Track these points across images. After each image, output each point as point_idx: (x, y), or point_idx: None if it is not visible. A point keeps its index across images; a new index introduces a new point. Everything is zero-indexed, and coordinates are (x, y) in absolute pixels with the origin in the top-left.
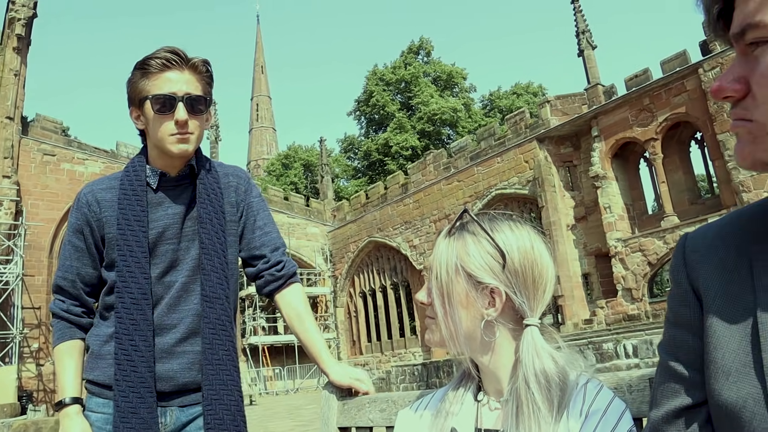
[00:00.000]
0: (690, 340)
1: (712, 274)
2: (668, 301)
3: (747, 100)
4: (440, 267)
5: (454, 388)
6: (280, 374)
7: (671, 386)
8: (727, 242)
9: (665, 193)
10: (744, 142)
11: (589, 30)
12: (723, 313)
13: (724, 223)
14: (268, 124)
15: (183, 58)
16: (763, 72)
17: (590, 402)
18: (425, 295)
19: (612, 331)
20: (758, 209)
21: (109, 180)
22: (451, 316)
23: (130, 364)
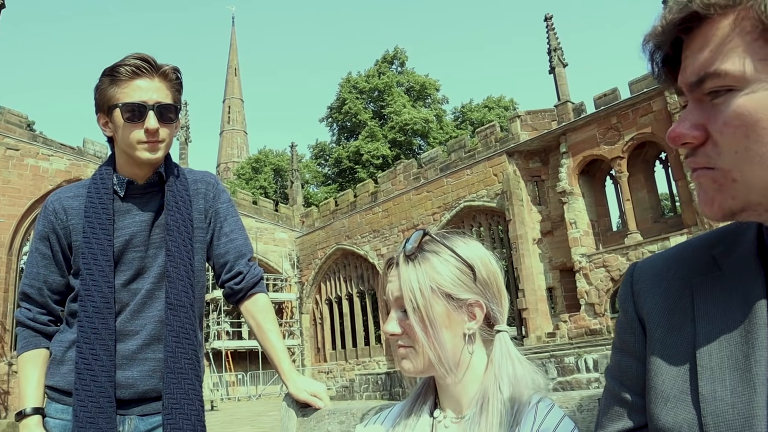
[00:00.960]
0: (634, 366)
1: (655, 304)
2: (616, 327)
3: (707, 147)
4: (414, 293)
5: (410, 404)
6: (242, 380)
7: (615, 410)
8: (673, 273)
9: (629, 210)
10: (709, 192)
11: (560, 48)
12: (664, 342)
13: (671, 254)
14: (239, 127)
15: (153, 65)
16: (726, 120)
17: (541, 421)
18: (395, 325)
19: (574, 345)
20: (704, 240)
21: (77, 188)
22: (436, 339)
23: (90, 373)
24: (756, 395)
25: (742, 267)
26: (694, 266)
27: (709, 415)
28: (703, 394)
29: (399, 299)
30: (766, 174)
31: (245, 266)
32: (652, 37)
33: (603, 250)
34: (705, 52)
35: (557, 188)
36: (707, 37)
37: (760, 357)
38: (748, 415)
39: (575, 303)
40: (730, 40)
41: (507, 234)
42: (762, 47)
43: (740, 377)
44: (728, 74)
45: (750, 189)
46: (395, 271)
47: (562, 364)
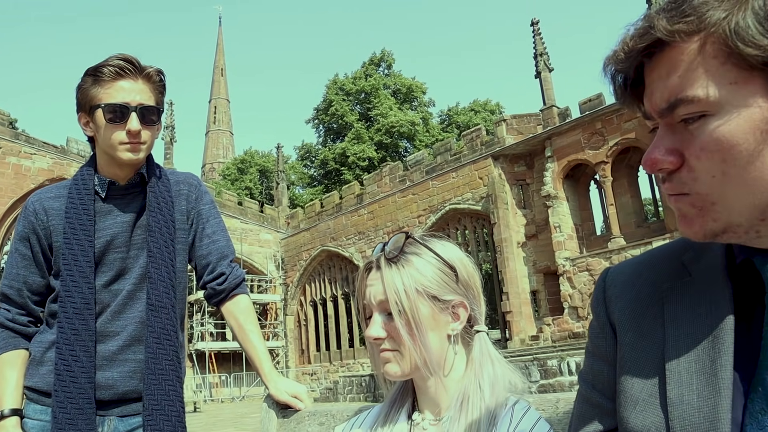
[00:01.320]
0: (606, 370)
1: (626, 309)
2: (589, 332)
3: (681, 172)
4: (399, 295)
5: (388, 406)
6: (226, 381)
7: (587, 413)
8: (644, 278)
9: (613, 215)
10: (690, 217)
11: (546, 52)
12: (634, 346)
13: (643, 259)
14: (225, 128)
15: (137, 66)
16: (703, 146)
17: (517, 422)
18: (379, 329)
19: (557, 348)
20: (673, 247)
21: (58, 188)
22: (422, 341)
23: (69, 374)
24: (721, 399)
25: (710, 274)
26: (664, 272)
27: (676, 418)
28: (671, 398)
29: (383, 302)
30: (745, 196)
31: (227, 267)
32: (614, 62)
33: (587, 253)
34: (673, 78)
35: (542, 192)
36: (673, 62)
37: (725, 362)
38: (713, 418)
39: (559, 306)
40: (698, 65)
41: (492, 237)
42: (730, 70)
43: (707, 381)
44: (700, 100)
45: (730, 211)
46: (376, 274)
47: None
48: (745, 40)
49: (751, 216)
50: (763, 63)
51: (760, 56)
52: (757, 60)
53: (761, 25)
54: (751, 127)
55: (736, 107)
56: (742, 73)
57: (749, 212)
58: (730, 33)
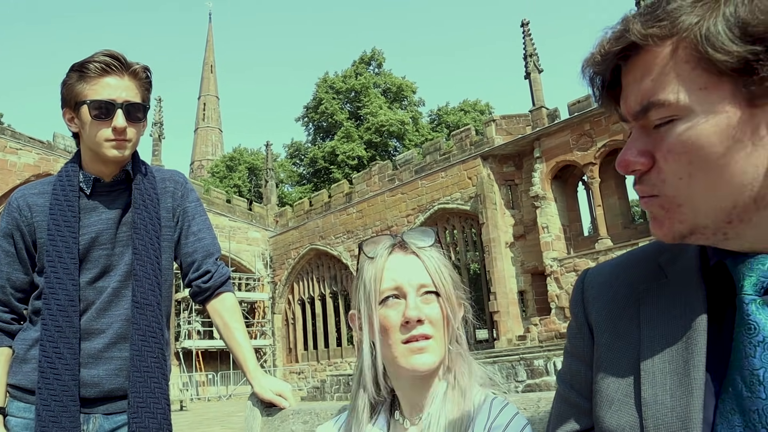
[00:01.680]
0: (583, 370)
1: (603, 310)
2: (567, 332)
3: (651, 174)
4: (444, 280)
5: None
6: (213, 380)
7: (565, 412)
8: (621, 280)
9: (600, 216)
10: (659, 219)
11: (536, 53)
12: (610, 347)
13: (621, 261)
14: (214, 125)
15: (123, 63)
16: (670, 148)
17: (494, 418)
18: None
19: (544, 348)
20: (651, 249)
21: (42, 185)
22: (455, 332)
23: (53, 372)
24: (693, 399)
25: (685, 276)
26: (641, 274)
27: (650, 418)
28: (645, 398)
29: (423, 285)
30: (710, 199)
31: (213, 265)
32: (591, 64)
33: (574, 254)
34: (646, 81)
35: (530, 193)
36: (647, 65)
37: (698, 362)
38: (685, 417)
39: (546, 306)
40: (670, 69)
41: (480, 237)
42: (701, 75)
43: (680, 382)
44: (671, 104)
45: (696, 213)
46: (407, 259)
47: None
48: (715, 45)
49: (716, 218)
50: (731, 69)
51: (728, 62)
52: (726, 66)
53: (731, 32)
54: (717, 132)
55: (704, 112)
56: (712, 79)
57: (715, 214)
58: (701, 38)
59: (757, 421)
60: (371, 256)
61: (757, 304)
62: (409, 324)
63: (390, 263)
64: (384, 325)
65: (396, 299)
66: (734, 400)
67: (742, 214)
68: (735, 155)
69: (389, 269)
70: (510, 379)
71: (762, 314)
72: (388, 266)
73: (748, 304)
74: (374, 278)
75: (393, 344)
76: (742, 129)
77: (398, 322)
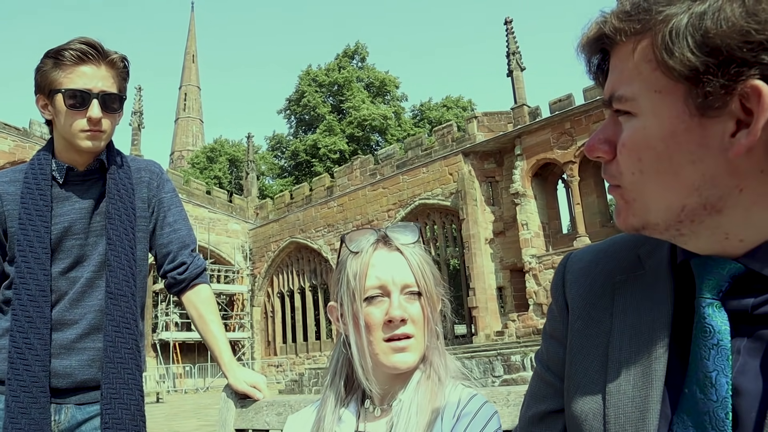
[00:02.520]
0: (560, 352)
1: (580, 296)
2: (547, 314)
3: (612, 165)
4: (427, 279)
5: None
6: (190, 372)
7: (540, 392)
8: (600, 268)
9: (579, 214)
10: (619, 209)
11: (519, 52)
12: (583, 333)
13: (603, 247)
14: (195, 115)
15: (100, 52)
16: (624, 141)
17: (463, 406)
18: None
19: (521, 343)
20: (633, 239)
21: (13, 173)
22: (434, 329)
23: (23, 363)
24: (652, 390)
25: (659, 270)
26: (620, 263)
27: (611, 406)
28: (609, 386)
29: (407, 285)
30: (659, 198)
31: (188, 257)
32: (580, 44)
33: (552, 251)
34: (615, 72)
35: (510, 190)
36: (620, 57)
37: (659, 354)
38: (643, 408)
39: (524, 303)
40: (633, 66)
41: (460, 233)
42: (659, 78)
43: (642, 372)
44: (627, 100)
45: (647, 210)
46: (391, 256)
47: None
48: (672, 51)
49: (666, 217)
50: (682, 77)
51: (679, 69)
52: (677, 73)
53: (692, 38)
54: (665, 137)
55: (654, 115)
56: (669, 83)
57: (664, 214)
58: (662, 41)
59: (708, 423)
60: (354, 250)
61: (713, 307)
62: (392, 323)
63: (374, 259)
64: (367, 322)
65: (381, 297)
66: (689, 401)
67: (692, 216)
68: (681, 161)
69: (373, 266)
70: (487, 374)
71: (717, 317)
72: (372, 263)
73: (705, 307)
74: (358, 275)
75: (375, 341)
76: (689, 137)
77: (381, 320)
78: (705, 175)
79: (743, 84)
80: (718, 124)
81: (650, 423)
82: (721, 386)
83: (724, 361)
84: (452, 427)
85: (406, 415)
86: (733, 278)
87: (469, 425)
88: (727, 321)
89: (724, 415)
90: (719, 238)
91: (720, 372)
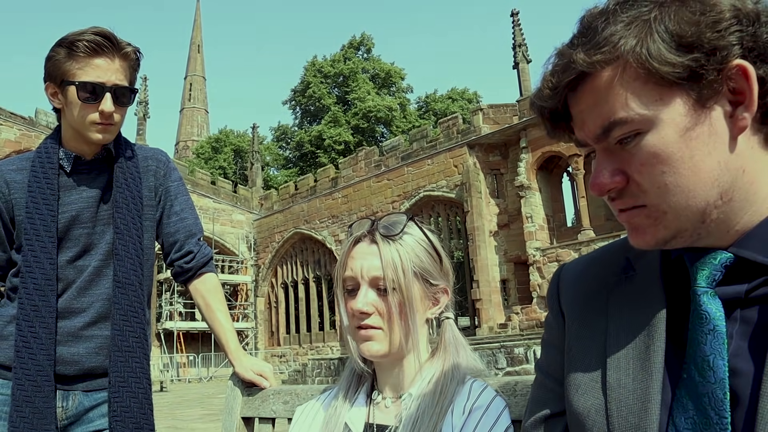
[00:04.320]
0: (558, 358)
1: (575, 300)
2: (545, 324)
3: (631, 187)
4: (397, 273)
5: (345, 386)
6: (194, 361)
7: (540, 397)
8: (593, 274)
9: (584, 207)
10: (642, 228)
11: (525, 44)
12: (579, 335)
13: (594, 256)
14: (200, 105)
15: (114, 44)
16: (642, 161)
17: (474, 399)
18: (367, 303)
19: (525, 336)
20: (621, 244)
21: (20, 161)
22: (412, 320)
23: (28, 351)
24: (652, 381)
25: (650, 269)
26: (612, 267)
27: (613, 400)
28: (609, 382)
29: (376, 278)
30: (686, 201)
31: (195, 245)
32: (541, 99)
33: (557, 244)
34: (602, 105)
35: (515, 182)
36: (598, 90)
37: (658, 347)
38: (645, 399)
39: (528, 295)
40: (622, 89)
41: (464, 225)
42: (653, 89)
43: (641, 365)
44: (633, 119)
45: (679, 217)
46: (369, 248)
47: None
48: (660, 60)
49: (694, 219)
50: (679, 78)
51: (675, 72)
52: (674, 76)
53: (669, 45)
54: (681, 138)
55: (664, 121)
56: (663, 90)
57: (692, 215)
58: (645, 56)
59: (707, 404)
60: (348, 239)
61: (708, 295)
62: (355, 316)
63: (354, 251)
64: (347, 310)
65: (355, 289)
66: (689, 385)
67: (712, 211)
68: (700, 155)
69: (352, 258)
70: (490, 366)
71: (712, 305)
72: (351, 254)
73: (701, 295)
74: (338, 265)
75: (351, 330)
76: (701, 130)
77: (351, 311)
78: (720, 163)
79: (728, 66)
80: (717, 109)
81: (652, 412)
82: (718, 368)
83: (720, 345)
84: (464, 420)
85: (416, 407)
86: (726, 267)
87: (481, 419)
88: (721, 308)
89: (722, 395)
90: (721, 228)
91: (717, 355)
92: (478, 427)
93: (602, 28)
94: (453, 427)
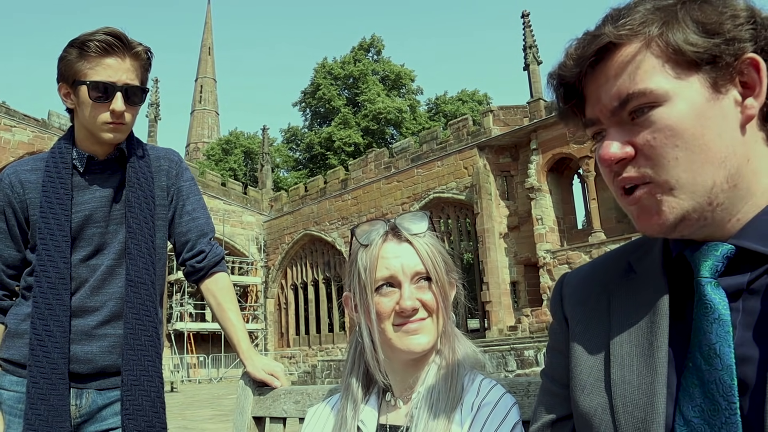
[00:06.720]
0: (563, 362)
1: (577, 305)
2: (549, 330)
3: (638, 160)
4: (437, 265)
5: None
6: (204, 362)
7: (547, 403)
8: (596, 279)
9: (595, 209)
10: (649, 209)
11: (536, 45)
12: (583, 336)
13: (596, 262)
14: (211, 107)
15: (125, 43)
16: (655, 133)
17: (483, 396)
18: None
19: (534, 339)
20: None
21: (35, 161)
22: (446, 311)
23: (42, 349)
24: (657, 376)
25: (651, 268)
26: (613, 272)
27: (618, 398)
28: (614, 379)
29: (418, 273)
30: (695, 178)
31: (207, 245)
32: (562, 69)
33: (567, 247)
34: (623, 77)
35: (526, 184)
36: (620, 63)
37: (661, 343)
38: (650, 394)
39: (538, 298)
40: (645, 63)
41: (474, 227)
42: (673, 68)
43: (645, 362)
44: (651, 92)
45: (687, 195)
46: (401, 247)
47: (522, 357)
48: (687, 40)
49: (702, 201)
50: (701, 60)
51: (698, 53)
52: (697, 56)
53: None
54: (695, 115)
55: (681, 98)
56: (683, 69)
57: (700, 196)
58: (672, 35)
59: (715, 391)
60: (364, 243)
61: (712, 285)
62: (403, 313)
63: (384, 252)
64: (378, 311)
65: (390, 287)
66: (694, 374)
67: (718, 194)
68: (711, 135)
69: (383, 258)
70: (500, 368)
71: (716, 294)
72: (382, 255)
73: (705, 286)
74: (368, 268)
75: (387, 329)
76: (713, 112)
77: (392, 310)
78: (729, 146)
79: (742, 56)
80: (729, 96)
81: (658, 405)
82: (725, 355)
83: (726, 333)
84: (472, 417)
85: (426, 406)
86: (727, 259)
87: (490, 416)
88: (725, 297)
89: (730, 381)
90: (726, 216)
91: (723, 343)
92: (486, 423)
93: (631, 11)
94: (462, 423)
